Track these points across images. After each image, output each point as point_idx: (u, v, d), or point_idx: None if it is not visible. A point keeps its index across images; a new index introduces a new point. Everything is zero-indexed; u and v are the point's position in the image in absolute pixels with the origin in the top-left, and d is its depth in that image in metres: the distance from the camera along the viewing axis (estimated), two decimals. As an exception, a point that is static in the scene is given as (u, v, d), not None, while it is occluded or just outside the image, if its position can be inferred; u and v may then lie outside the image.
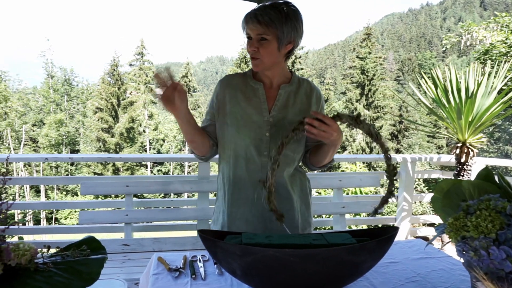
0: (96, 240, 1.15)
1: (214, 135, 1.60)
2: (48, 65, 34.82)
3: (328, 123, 1.31)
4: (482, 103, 3.54)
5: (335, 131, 1.34)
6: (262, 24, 1.41)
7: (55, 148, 31.85)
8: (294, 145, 1.53)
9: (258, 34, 1.43)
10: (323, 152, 1.56)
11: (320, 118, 1.31)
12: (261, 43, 1.43)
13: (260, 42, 1.43)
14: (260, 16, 1.41)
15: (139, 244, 2.66)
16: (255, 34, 1.43)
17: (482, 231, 1.01)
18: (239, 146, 1.52)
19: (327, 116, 1.32)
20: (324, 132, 1.33)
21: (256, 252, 1.08)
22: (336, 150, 1.55)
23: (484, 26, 11.97)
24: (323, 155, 1.56)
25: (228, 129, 1.53)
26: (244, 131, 1.50)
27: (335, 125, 1.33)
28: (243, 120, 1.51)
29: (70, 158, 2.82)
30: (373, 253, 1.16)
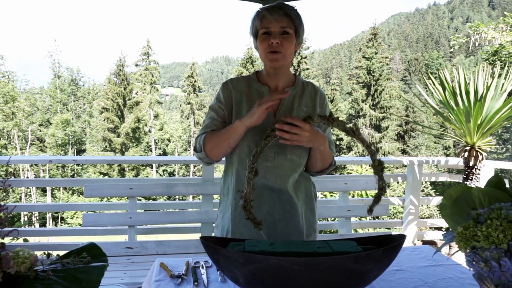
0: (97, 247, 1.13)
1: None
2: (55, 65, 35.05)
3: (299, 125, 1.29)
4: (492, 105, 3.47)
5: (307, 131, 1.31)
6: (288, 17, 1.42)
7: (61, 148, 32.05)
8: (299, 150, 1.50)
9: (282, 27, 1.41)
10: (311, 157, 1.54)
11: (289, 121, 1.29)
12: (283, 36, 1.42)
13: (282, 36, 1.42)
14: (286, 10, 1.42)
15: (143, 247, 2.65)
16: (279, 26, 1.41)
17: (493, 242, 0.98)
18: (243, 151, 1.50)
19: (297, 119, 1.29)
20: (297, 135, 1.30)
21: (260, 260, 1.06)
22: (326, 155, 1.52)
23: (493, 26, 11.81)
24: (313, 160, 1.54)
25: None
26: (249, 136, 1.47)
27: (306, 126, 1.30)
28: None
29: (74, 160, 2.81)
30: (379, 262, 1.13)
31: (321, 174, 1.62)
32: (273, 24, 1.41)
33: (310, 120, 1.30)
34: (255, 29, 1.47)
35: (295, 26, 1.44)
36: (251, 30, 1.51)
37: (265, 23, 1.42)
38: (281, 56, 1.44)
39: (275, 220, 1.52)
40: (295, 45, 1.47)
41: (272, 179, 1.49)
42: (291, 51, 1.46)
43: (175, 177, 3.22)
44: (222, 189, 1.65)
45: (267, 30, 1.43)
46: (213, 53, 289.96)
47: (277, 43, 1.41)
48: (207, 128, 1.56)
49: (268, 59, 1.45)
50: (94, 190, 2.68)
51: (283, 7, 1.44)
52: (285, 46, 1.43)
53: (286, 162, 1.49)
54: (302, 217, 1.57)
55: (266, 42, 1.43)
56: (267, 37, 1.43)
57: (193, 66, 39.44)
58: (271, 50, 1.43)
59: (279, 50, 1.42)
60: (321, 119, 1.28)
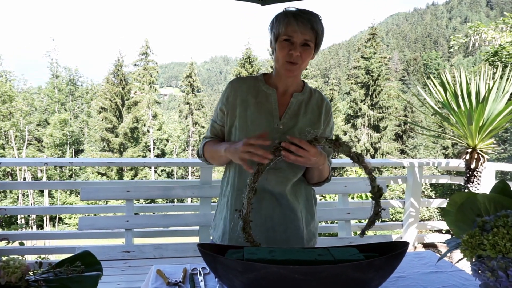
0: (91, 255, 1.10)
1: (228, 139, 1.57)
2: (53, 65, 34.95)
3: (306, 148, 1.27)
4: (493, 107, 3.45)
5: (313, 156, 1.29)
6: (313, 31, 1.41)
7: (59, 148, 31.99)
8: None
9: (305, 40, 1.40)
10: (309, 172, 1.53)
11: (296, 143, 1.27)
12: (304, 48, 1.41)
13: (302, 47, 1.40)
14: (314, 22, 1.40)
15: (140, 251, 2.61)
16: (302, 38, 1.39)
17: (500, 251, 0.95)
18: None
19: (304, 141, 1.27)
20: (302, 158, 1.29)
21: (259, 269, 1.03)
22: (323, 171, 1.51)
23: (493, 27, 11.80)
24: (311, 174, 1.54)
25: (237, 133, 1.50)
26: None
27: (312, 149, 1.28)
28: (253, 125, 1.47)
29: (71, 163, 2.75)
30: (381, 270, 1.10)
31: (316, 186, 1.61)
32: (298, 34, 1.39)
33: (316, 142, 1.29)
34: (277, 32, 1.44)
35: (316, 40, 1.44)
36: (273, 31, 1.46)
37: (290, 31, 1.39)
38: (297, 68, 1.43)
39: (274, 224, 1.50)
40: (313, 57, 1.48)
41: (272, 182, 1.47)
42: (307, 62, 1.46)
43: (172, 180, 3.19)
44: (222, 188, 1.64)
45: (289, 38, 1.40)
46: (211, 53, 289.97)
47: (297, 56, 1.40)
48: (209, 131, 1.62)
49: (284, 69, 1.44)
50: (90, 193, 2.64)
51: (311, 19, 1.41)
52: (303, 58, 1.42)
53: (287, 165, 1.46)
54: (302, 221, 1.55)
55: (286, 50, 1.40)
56: (288, 45, 1.40)
57: (191, 66, 39.37)
58: (290, 60, 1.41)
59: (297, 61, 1.41)
60: (328, 142, 1.27)
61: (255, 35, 34.77)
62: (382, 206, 1.32)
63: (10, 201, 26.03)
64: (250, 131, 1.46)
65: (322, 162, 1.40)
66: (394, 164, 3.75)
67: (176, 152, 38.98)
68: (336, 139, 1.27)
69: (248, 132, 1.46)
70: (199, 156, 1.65)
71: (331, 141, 1.27)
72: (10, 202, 25.94)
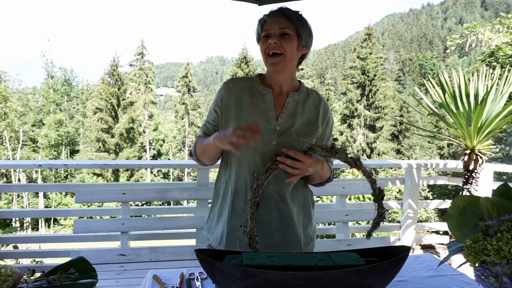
0: (85, 261, 1.07)
1: None
2: (48, 65, 34.79)
3: (301, 159, 1.29)
4: (492, 109, 3.44)
5: (309, 167, 1.33)
6: (286, 18, 1.40)
7: (54, 149, 31.84)
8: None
9: (281, 28, 1.40)
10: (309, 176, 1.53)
11: (292, 155, 1.29)
12: (283, 37, 1.40)
13: (281, 36, 1.40)
14: (285, 11, 1.41)
15: (136, 254, 2.57)
16: (278, 28, 1.40)
17: (504, 256, 0.93)
18: (243, 154, 1.44)
19: (299, 153, 1.29)
20: (298, 170, 1.32)
21: (258, 275, 1.01)
22: (324, 174, 1.51)
23: (489, 27, 11.85)
24: (311, 177, 1.54)
25: None
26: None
27: (308, 160, 1.30)
28: None
29: (65, 165, 2.73)
30: (383, 275, 1.08)
31: (319, 186, 1.63)
32: (272, 26, 1.40)
33: (312, 151, 1.29)
34: (258, 35, 1.46)
35: (296, 27, 1.41)
36: (256, 37, 1.49)
37: (265, 26, 1.42)
38: (282, 59, 1.41)
39: (272, 229, 1.47)
40: (298, 48, 1.44)
41: (271, 185, 1.44)
42: (292, 53, 1.42)
43: (169, 182, 3.15)
44: (216, 190, 1.60)
45: (267, 33, 1.42)
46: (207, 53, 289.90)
47: (275, 43, 1.39)
48: (201, 131, 1.60)
49: (269, 63, 1.43)
50: (85, 195, 2.61)
51: (283, 9, 1.42)
52: (284, 47, 1.39)
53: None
54: (299, 225, 1.53)
55: (265, 43, 1.41)
56: (267, 39, 1.41)
57: (187, 66, 39.29)
58: (270, 51, 1.40)
59: (279, 50, 1.40)
60: (324, 151, 1.27)
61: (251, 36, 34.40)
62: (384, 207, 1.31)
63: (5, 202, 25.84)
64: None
65: (320, 168, 1.40)
66: (392, 165, 3.74)
67: (172, 153, 38.90)
68: (332, 147, 1.26)
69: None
70: (191, 156, 1.63)
71: (326, 149, 1.26)
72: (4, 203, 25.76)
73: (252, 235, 1.25)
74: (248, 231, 1.25)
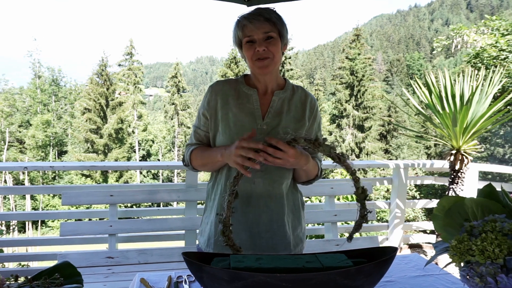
0: (71, 265, 1.06)
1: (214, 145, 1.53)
2: (35, 65, 34.33)
3: (283, 149, 1.24)
4: (477, 109, 3.50)
5: (291, 158, 1.26)
6: (269, 22, 1.39)
7: (42, 150, 31.41)
8: None
9: (265, 33, 1.39)
10: (296, 172, 1.52)
11: (274, 144, 1.24)
12: (268, 41, 1.40)
13: (266, 41, 1.40)
14: (266, 14, 1.39)
15: (124, 256, 2.55)
16: (262, 32, 1.38)
17: (489, 256, 0.94)
18: None
19: (282, 142, 1.24)
20: (280, 160, 1.26)
21: (246, 277, 1.01)
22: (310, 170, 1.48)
23: (474, 29, 12.07)
24: (297, 174, 1.52)
25: (220, 138, 1.47)
26: (237, 139, 1.40)
27: (290, 151, 1.25)
28: (236, 128, 1.44)
29: (51, 167, 2.69)
30: (370, 276, 1.09)
31: (307, 184, 1.59)
32: (255, 31, 1.39)
33: (295, 143, 1.24)
34: (238, 39, 1.44)
35: (278, 29, 1.41)
36: (234, 40, 1.47)
37: (247, 31, 1.40)
38: (270, 62, 1.41)
39: (260, 230, 1.47)
40: (282, 48, 1.45)
41: (260, 185, 1.44)
42: (278, 54, 1.43)
43: (157, 183, 3.12)
44: (208, 193, 1.60)
45: (250, 38, 1.40)
46: (197, 53, 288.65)
47: (263, 50, 1.38)
48: (193, 138, 1.58)
49: (257, 67, 1.42)
50: (72, 197, 2.57)
51: (262, 12, 1.40)
52: (272, 51, 1.40)
53: (275, 168, 1.43)
54: (288, 227, 1.52)
55: (252, 50, 1.40)
56: (252, 45, 1.40)
57: (177, 66, 39.12)
58: (258, 57, 1.40)
59: (267, 55, 1.40)
60: (307, 142, 1.23)
61: (240, 36, 34.37)
62: (368, 208, 1.30)
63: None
64: (233, 134, 1.44)
65: (304, 163, 1.37)
66: (380, 166, 3.77)
67: (161, 153, 38.67)
68: (316, 139, 1.22)
69: (231, 136, 1.43)
70: (185, 165, 1.60)
71: (309, 141, 1.22)
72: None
73: (227, 224, 1.23)
74: (223, 219, 1.22)
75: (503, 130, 20.88)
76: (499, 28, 11.58)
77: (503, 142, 22.32)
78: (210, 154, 1.46)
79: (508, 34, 11.18)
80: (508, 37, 11.01)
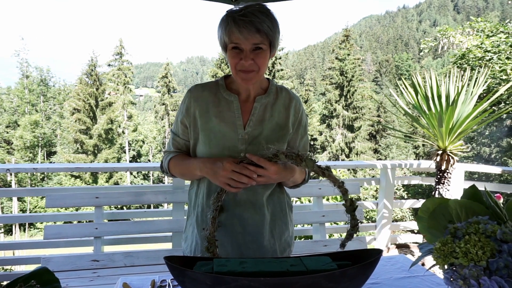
0: (48, 271, 1.02)
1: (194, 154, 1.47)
2: (23, 64, 33.86)
3: (265, 166, 1.21)
4: (463, 110, 3.53)
5: (273, 174, 1.23)
6: (261, 33, 1.25)
7: (30, 150, 31.00)
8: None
9: (254, 44, 1.26)
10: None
11: (254, 161, 1.21)
12: (256, 53, 1.27)
13: (254, 52, 1.27)
14: (258, 23, 1.23)
15: (110, 259, 2.50)
16: (251, 43, 1.25)
17: (472, 259, 0.94)
18: None
19: (263, 160, 1.20)
20: (261, 177, 1.23)
21: (228, 282, 0.99)
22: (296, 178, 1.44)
23: (460, 30, 12.24)
24: (283, 182, 1.47)
25: (201, 148, 1.40)
26: (217, 150, 1.36)
27: (272, 167, 1.21)
28: (216, 138, 1.37)
29: (35, 169, 2.64)
30: (355, 279, 1.08)
31: (294, 188, 1.56)
32: (243, 41, 1.25)
33: (277, 158, 1.21)
34: (223, 42, 1.31)
35: (269, 40, 1.28)
36: (219, 41, 1.34)
37: (234, 39, 1.26)
38: (254, 75, 1.30)
39: (246, 241, 1.41)
40: (271, 56, 1.34)
41: (243, 195, 1.39)
42: (265, 66, 1.32)
43: (144, 185, 3.09)
44: (190, 200, 1.54)
45: (236, 46, 1.27)
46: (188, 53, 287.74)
47: (250, 63, 1.27)
48: (171, 145, 1.51)
49: (240, 78, 1.31)
50: (56, 200, 2.52)
51: (254, 20, 1.23)
52: (259, 64, 1.28)
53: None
54: (275, 234, 1.47)
55: (237, 59, 1.28)
56: (238, 53, 1.27)
57: (167, 67, 38.93)
58: (243, 69, 1.28)
59: (252, 69, 1.28)
60: (288, 158, 1.19)
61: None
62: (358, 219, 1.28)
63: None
64: (213, 144, 1.37)
65: (290, 176, 1.34)
66: (367, 166, 3.78)
67: (152, 154, 38.43)
68: (298, 155, 1.18)
69: (211, 146, 1.37)
70: (163, 172, 1.55)
71: (292, 156, 1.18)
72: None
73: (211, 240, 1.21)
74: (207, 235, 1.20)
75: (488, 130, 21.17)
76: (484, 29, 11.76)
77: (489, 142, 22.62)
78: (189, 167, 1.41)
79: (493, 36, 11.35)
80: (493, 39, 11.17)
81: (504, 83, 9.02)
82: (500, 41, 10.92)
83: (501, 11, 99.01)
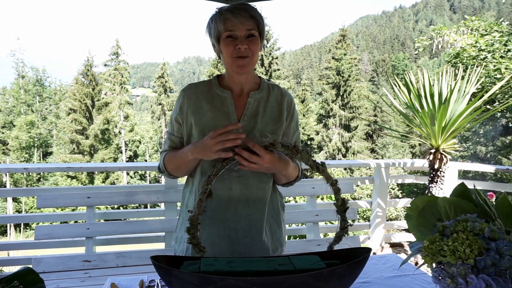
0: (33, 272, 1.01)
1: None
2: (19, 64, 33.69)
3: (259, 153, 1.21)
4: (455, 108, 3.53)
5: (267, 163, 1.24)
6: (254, 19, 1.33)
7: (26, 151, 30.86)
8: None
9: (248, 30, 1.33)
10: (275, 175, 1.48)
11: (250, 147, 1.21)
12: (249, 40, 1.34)
13: (248, 39, 1.33)
14: (251, 11, 1.33)
15: (102, 260, 2.48)
16: (245, 29, 1.32)
17: (460, 257, 0.93)
18: (206, 162, 1.40)
19: (258, 146, 1.21)
20: (255, 164, 1.24)
21: (216, 281, 0.99)
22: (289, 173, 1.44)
23: (454, 29, 12.28)
24: (277, 177, 1.49)
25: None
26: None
27: (266, 156, 1.22)
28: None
29: (25, 169, 2.62)
30: (343, 278, 1.07)
31: (287, 186, 1.55)
32: (239, 27, 1.31)
33: (273, 147, 1.21)
34: (217, 32, 1.35)
35: (259, 29, 1.36)
36: (212, 33, 1.38)
37: (229, 26, 1.31)
38: (249, 61, 1.35)
39: (239, 237, 1.42)
40: (260, 47, 1.39)
41: (237, 191, 1.39)
42: (257, 54, 1.37)
43: (136, 185, 3.07)
44: (184, 199, 1.55)
45: (231, 34, 1.32)
46: (184, 53, 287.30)
47: (245, 48, 1.32)
48: (166, 145, 1.52)
49: (235, 65, 1.35)
50: (47, 200, 2.50)
51: (248, 8, 1.34)
52: (252, 50, 1.34)
53: (251, 172, 1.39)
54: (267, 232, 1.48)
55: (232, 46, 1.33)
56: (233, 41, 1.33)
57: (164, 67, 38.87)
58: (239, 55, 1.33)
59: (247, 54, 1.34)
60: (285, 148, 1.20)
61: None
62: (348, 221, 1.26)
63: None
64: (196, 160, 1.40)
65: (283, 168, 1.34)
66: (361, 165, 3.78)
67: (149, 154, 38.34)
68: (294, 146, 1.19)
69: None
70: (161, 172, 1.55)
71: (288, 147, 1.19)
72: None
73: (194, 222, 1.19)
74: (191, 217, 1.18)
75: (483, 129, 21.22)
76: (478, 28, 11.80)
77: (484, 141, 22.68)
78: (181, 155, 1.41)
79: (487, 34, 11.40)
80: (487, 37, 11.22)
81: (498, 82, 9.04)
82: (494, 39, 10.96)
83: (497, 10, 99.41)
